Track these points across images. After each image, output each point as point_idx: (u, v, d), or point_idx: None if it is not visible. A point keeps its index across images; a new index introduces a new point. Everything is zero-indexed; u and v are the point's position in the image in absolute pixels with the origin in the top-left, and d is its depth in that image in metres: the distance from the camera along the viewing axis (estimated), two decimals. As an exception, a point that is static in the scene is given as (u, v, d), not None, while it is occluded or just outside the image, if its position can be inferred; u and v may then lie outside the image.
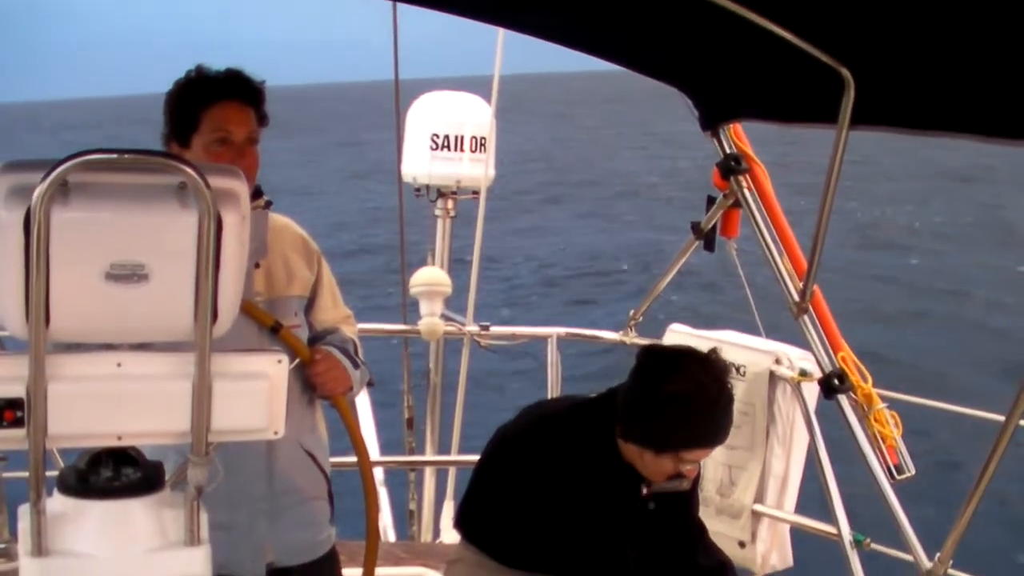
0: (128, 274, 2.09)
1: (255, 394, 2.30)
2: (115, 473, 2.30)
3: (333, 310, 3.56)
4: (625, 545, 3.28)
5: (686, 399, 3.15)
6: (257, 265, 3.30)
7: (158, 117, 3.26)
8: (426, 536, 6.95)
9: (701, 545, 3.58)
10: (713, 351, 3.29)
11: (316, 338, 3.45)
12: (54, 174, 1.96)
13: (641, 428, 3.23)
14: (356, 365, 3.44)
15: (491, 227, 7.50)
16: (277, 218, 3.44)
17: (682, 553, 3.51)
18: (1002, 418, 3.37)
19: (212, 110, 3.16)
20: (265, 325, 3.20)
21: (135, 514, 2.28)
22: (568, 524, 3.22)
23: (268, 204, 3.33)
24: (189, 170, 2.04)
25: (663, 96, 4.51)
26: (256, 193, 3.29)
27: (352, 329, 3.63)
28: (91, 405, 2.20)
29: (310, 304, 3.48)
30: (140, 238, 2.09)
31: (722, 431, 3.26)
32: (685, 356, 3.27)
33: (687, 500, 3.53)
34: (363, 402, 6.08)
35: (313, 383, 3.33)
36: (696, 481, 3.53)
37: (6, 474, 2.69)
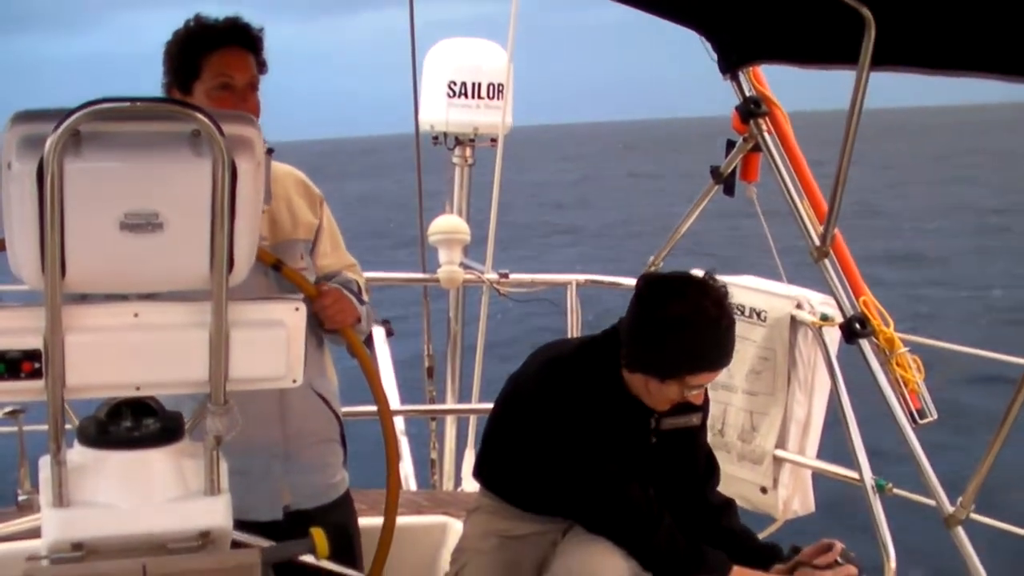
0: (143, 223, 2.08)
1: (273, 342, 2.29)
2: (135, 423, 2.30)
3: (333, 255, 3.55)
4: (637, 482, 3.27)
5: (687, 322, 3.13)
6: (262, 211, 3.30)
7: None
8: (448, 485, 6.97)
9: (712, 481, 3.58)
10: (709, 274, 3.26)
11: (317, 282, 3.44)
12: (66, 124, 1.95)
13: (645, 356, 3.22)
14: (362, 302, 3.43)
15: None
16: (279, 165, 3.45)
17: (692, 488, 3.51)
18: None
19: (213, 57, 3.17)
20: (266, 263, 3.19)
21: (155, 464, 2.29)
22: (582, 462, 3.22)
23: (270, 151, 3.32)
24: (202, 117, 2.02)
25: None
26: None
27: (357, 277, 3.62)
28: (109, 355, 2.20)
29: (310, 249, 3.48)
30: (154, 187, 2.08)
31: (725, 353, 3.24)
32: (683, 281, 3.25)
33: (696, 435, 3.52)
34: (383, 351, 6.08)
35: (320, 317, 3.32)
36: (705, 416, 3.53)
37: (27, 427, 2.70)
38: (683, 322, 3.13)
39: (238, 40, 3.21)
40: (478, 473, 3.60)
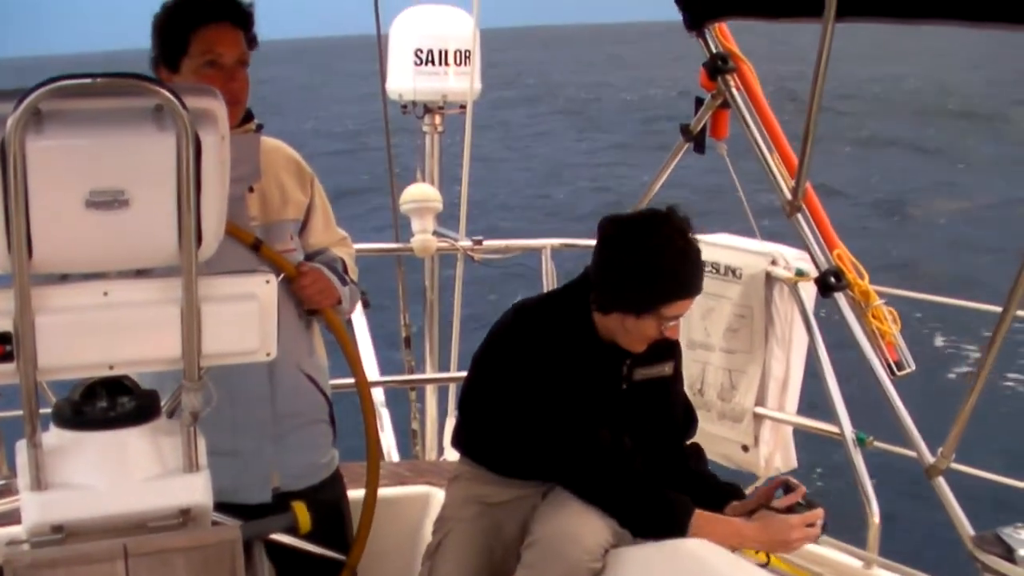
0: (109, 200, 2.06)
1: (245, 316, 2.28)
2: (110, 403, 2.29)
3: (325, 233, 3.53)
4: (609, 429, 3.29)
5: (655, 254, 3.16)
6: (251, 189, 3.27)
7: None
8: (430, 455, 6.97)
9: (690, 430, 3.60)
10: (671, 207, 3.28)
11: (306, 260, 3.42)
12: (26, 102, 1.93)
13: (617, 294, 3.24)
14: (344, 283, 3.41)
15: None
16: (269, 141, 3.39)
17: (671, 439, 3.53)
18: (999, 309, 3.34)
19: (201, 32, 3.10)
20: (245, 243, 3.16)
21: (132, 443, 2.28)
22: (551, 405, 3.23)
23: (259, 127, 3.29)
24: (164, 91, 2.00)
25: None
26: (247, 116, 3.25)
27: (347, 251, 3.60)
28: (80, 335, 2.18)
29: (302, 227, 3.45)
30: (118, 163, 2.05)
31: (696, 280, 3.27)
32: (645, 216, 3.30)
33: (671, 386, 3.54)
34: (360, 323, 6.06)
35: (300, 297, 3.31)
36: (677, 365, 3.54)
37: (3, 413, 2.69)
38: (651, 254, 3.17)
39: (228, 16, 3.13)
40: (456, 442, 3.60)
